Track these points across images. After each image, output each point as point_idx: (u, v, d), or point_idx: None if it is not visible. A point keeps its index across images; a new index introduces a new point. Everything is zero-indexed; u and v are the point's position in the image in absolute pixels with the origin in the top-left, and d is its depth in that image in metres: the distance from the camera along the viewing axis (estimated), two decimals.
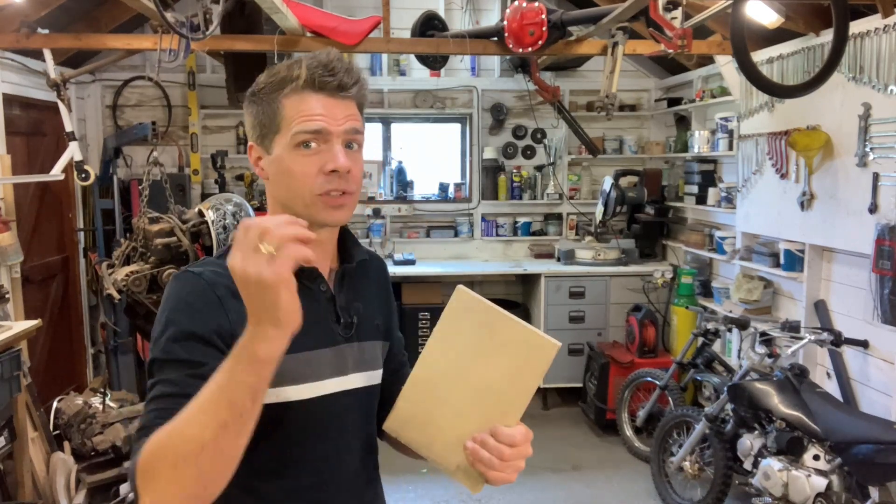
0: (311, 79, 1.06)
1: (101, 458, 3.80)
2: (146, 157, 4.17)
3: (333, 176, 1.06)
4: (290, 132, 1.06)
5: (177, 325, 1.00)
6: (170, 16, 2.85)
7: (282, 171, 1.08)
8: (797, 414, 3.04)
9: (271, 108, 1.08)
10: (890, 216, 3.03)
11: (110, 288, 3.49)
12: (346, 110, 1.09)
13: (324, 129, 1.06)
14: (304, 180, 1.06)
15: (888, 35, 3.07)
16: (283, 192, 1.10)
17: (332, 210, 1.08)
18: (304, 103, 1.06)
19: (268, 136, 1.09)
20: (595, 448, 4.54)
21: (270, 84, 1.09)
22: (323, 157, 1.06)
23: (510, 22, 3.88)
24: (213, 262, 1.11)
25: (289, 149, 1.06)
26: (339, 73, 1.07)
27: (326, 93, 1.07)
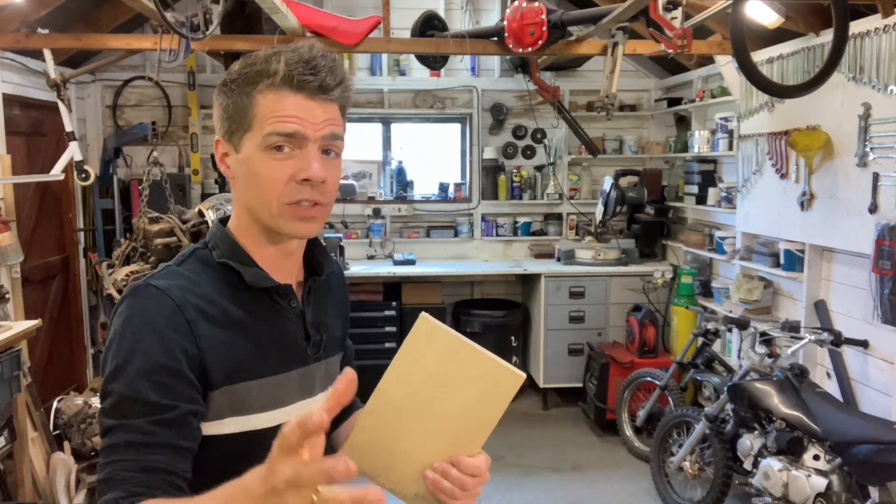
0: (290, 76, 0.96)
1: None
2: (146, 157, 4.17)
3: (306, 185, 0.97)
4: (263, 132, 0.96)
5: (143, 354, 0.90)
6: (170, 16, 2.85)
7: (250, 174, 0.99)
8: (797, 414, 3.04)
9: (243, 103, 0.98)
10: (890, 216, 3.03)
11: (110, 288, 3.49)
12: (325, 113, 0.99)
13: (299, 133, 0.96)
14: (273, 187, 0.97)
15: (888, 35, 3.07)
16: (249, 196, 1.01)
17: (300, 222, 1.00)
18: (279, 102, 0.96)
19: (237, 132, 1.00)
20: (595, 448, 4.54)
21: (245, 76, 0.99)
22: (296, 164, 0.97)
23: (510, 22, 3.88)
24: (179, 272, 1.00)
25: (259, 150, 0.97)
26: (321, 73, 0.97)
27: (306, 93, 0.97)
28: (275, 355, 1.02)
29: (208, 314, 0.97)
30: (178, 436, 0.90)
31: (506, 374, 0.92)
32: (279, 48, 1.00)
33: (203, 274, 1.01)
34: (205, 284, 1.00)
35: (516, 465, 4.25)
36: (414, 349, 0.92)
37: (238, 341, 0.98)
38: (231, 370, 0.97)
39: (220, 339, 0.96)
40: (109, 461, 0.87)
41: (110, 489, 0.85)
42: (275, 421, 0.99)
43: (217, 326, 0.97)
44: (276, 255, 1.06)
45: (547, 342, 5.07)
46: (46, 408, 3.77)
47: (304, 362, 1.06)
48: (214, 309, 0.98)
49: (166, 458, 0.88)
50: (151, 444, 0.87)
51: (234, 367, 0.97)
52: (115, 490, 0.84)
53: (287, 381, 1.03)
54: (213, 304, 0.98)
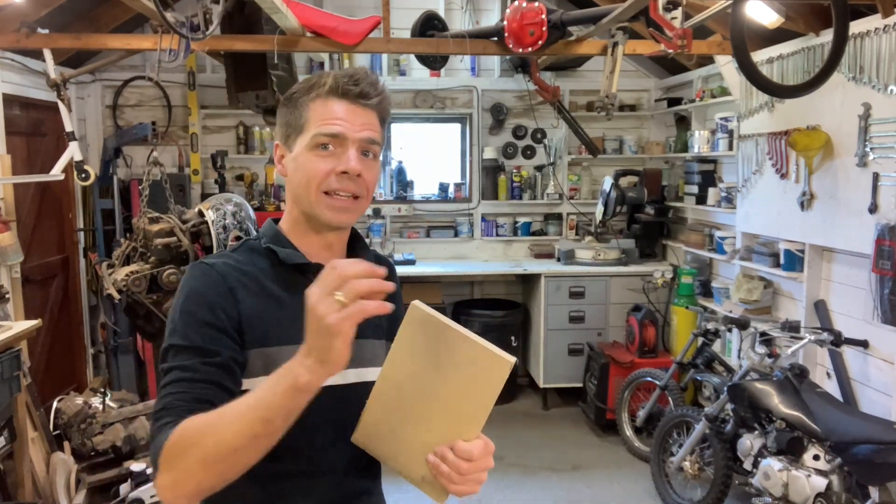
0: (336, 85, 1.14)
1: (101, 458, 3.80)
2: (146, 157, 4.17)
3: (344, 177, 1.13)
4: (311, 133, 1.14)
5: (192, 314, 1.08)
6: (170, 16, 2.85)
7: (298, 168, 1.16)
8: (797, 414, 3.04)
9: (298, 111, 1.16)
10: (890, 216, 3.03)
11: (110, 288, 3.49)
12: (365, 119, 1.15)
13: (341, 134, 1.13)
14: (315, 177, 1.13)
15: (888, 35, 3.07)
16: (296, 187, 1.17)
17: (335, 211, 1.15)
18: (326, 108, 1.14)
19: (292, 135, 1.18)
20: (595, 448, 4.54)
21: (301, 89, 1.18)
22: (336, 159, 1.14)
23: (510, 22, 3.88)
24: (228, 254, 1.19)
25: (307, 148, 1.14)
26: (362, 83, 1.15)
27: (349, 100, 1.15)
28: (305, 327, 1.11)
29: (247, 286, 1.14)
30: (223, 376, 1.05)
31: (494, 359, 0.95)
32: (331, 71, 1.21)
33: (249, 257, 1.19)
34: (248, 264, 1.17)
35: (516, 465, 4.25)
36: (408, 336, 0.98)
37: (273, 310, 1.13)
38: (265, 334, 1.11)
39: (257, 306, 1.12)
40: (165, 395, 1.02)
41: (163, 416, 0.99)
42: None
43: (255, 296, 1.13)
44: (316, 245, 1.21)
45: (547, 342, 5.07)
46: (46, 408, 3.77)
47: None
48: (253, 282, 1.15)
49: (213, 392, 1.02)
50: (200, 380, 1.02)
51: (267, 332, 1.11)
52: (167, 416, 0.98)
53: None
54: (253, 278, 1.15)
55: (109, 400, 3.99)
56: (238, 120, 5.35)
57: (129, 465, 3.73)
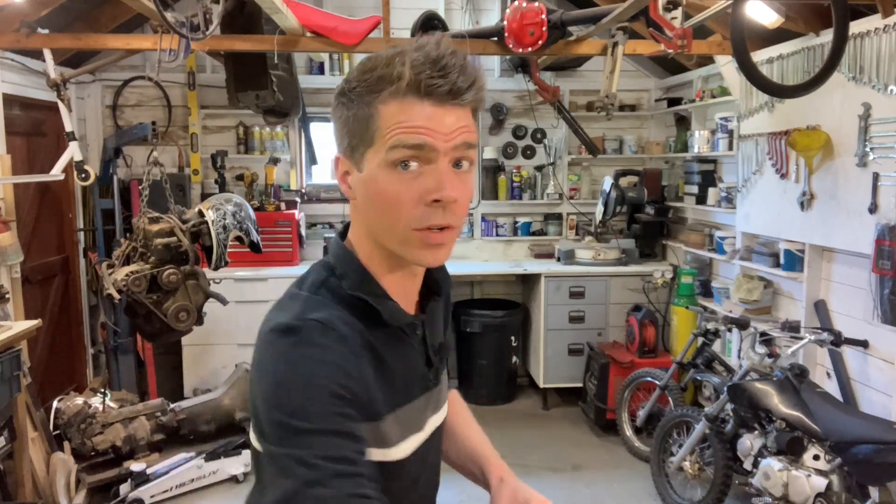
0: (417, 81, 0.86)
1: (101, 458, 3.81)
2: (146, 157, 4.17)
3: (437, 207, 0.88)
4: (386, 146, 0.87)
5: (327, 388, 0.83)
6: (170, 16, 2.85)
7: (372, 195, 0.90)
8: (797, 414, 3.04)
9: (364, 114, 0.88)
10: (890, 216, 3.03)
11: (110, 288, 3.49)
12: (458, 120, 0.88)
13: (427, 145, 0.87)
14: (400, 210, 0.88)
15: (888, 35, 3.07)
16: (372, 220, 0.93)
17: (428, 250, 0.91)
18: (404, 112, 0.86)
19: (359, 148, 0.90)
20: (595, 448, 4.54)
21: (365, 83, 0.89)
22: (425, 182, 0.87)
23: (510, 22, 3.88)
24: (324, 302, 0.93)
25: (383, 167, 0.88)
26: (451, 74, 0.86)
27: (434, 99, 0.86)
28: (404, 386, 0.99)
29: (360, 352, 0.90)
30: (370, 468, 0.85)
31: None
32: (402, 48, 0.89)
33: (340, 306, 0.93)
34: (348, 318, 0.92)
35: (516, 465, 4.21)
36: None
37: (379, 376, 0.93)
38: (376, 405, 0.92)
39: (369, 375, 0.91)
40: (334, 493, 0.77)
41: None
42: (407, 451, 0.98)
43: (366, 362, 0.91)
44: (401, 280, 0.99)
45: (547, 342, 5.07)
46: (46, 408, 3.78)
47: (427, 388, 1.03)
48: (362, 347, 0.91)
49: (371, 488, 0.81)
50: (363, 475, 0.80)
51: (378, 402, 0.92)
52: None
53: (414, 409, 1.00)
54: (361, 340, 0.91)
55: (109, 400, 4.00)
56: (238, 120, 5.34)
57: (129, 465, 3.74)
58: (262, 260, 4.69)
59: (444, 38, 0.88)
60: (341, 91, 0.92)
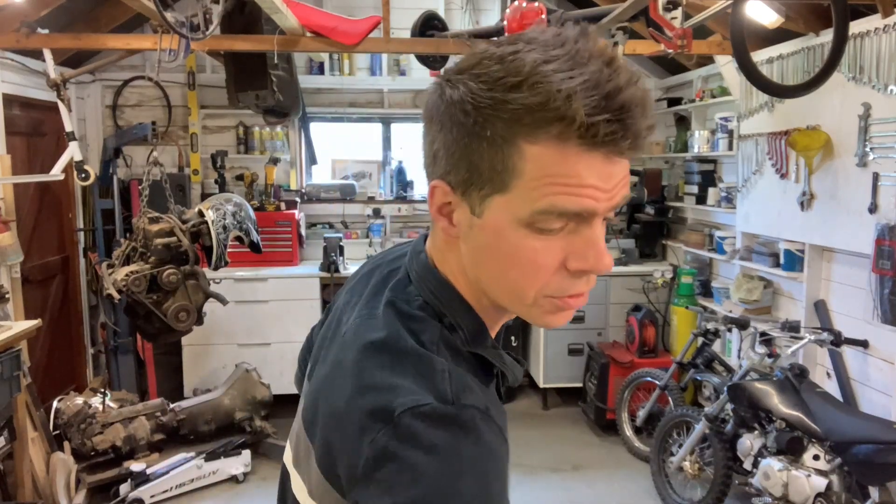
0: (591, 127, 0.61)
1: (101, 458, 3.80)
2: (146, 157, 4.17)
3: (580, 275, 0.70)
4: (532, 204, 0.65)
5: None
6: (170, 16, 2.85)
7: (496, 251, 0.69)
8: (797, 414, 3.04)
9: (500, 150, 0.65)
10: (890, 216, 3.03)
11: (110, 288, 3.49)
12: (623, 172, 0.68)
13: (589, 211, 0.67)
14: (537, 277, 0.69)
15: (888, 35, 3.07)
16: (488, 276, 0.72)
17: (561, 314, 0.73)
18: (566, 163, 0.64)
19: (483, 188, 0.67)
20: (595, 448, 4.54)
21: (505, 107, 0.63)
22: (570, 245, 0.68)
23: (510, 22, 3.88)
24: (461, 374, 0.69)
25: (519, 225, 0.67)
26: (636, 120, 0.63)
27: (606, 152, 0.64)
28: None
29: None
30: None
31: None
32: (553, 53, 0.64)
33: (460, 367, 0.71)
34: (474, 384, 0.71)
35: (516, 465, 4.24)
36: None
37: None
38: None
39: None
40: None
41: None
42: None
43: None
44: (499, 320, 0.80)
45: (547, 342, 5.07)
46: (46, 408, 3.78)
47: None
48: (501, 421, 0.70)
49: None
50: None
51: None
52: None
53: None
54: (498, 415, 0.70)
55: (109, 400, 4.00)
56: (238, 120, 5.34)
57: (129, 465, 3.74)
58: (262, 260, 4.69)
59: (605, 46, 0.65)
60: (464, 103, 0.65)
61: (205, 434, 4.16)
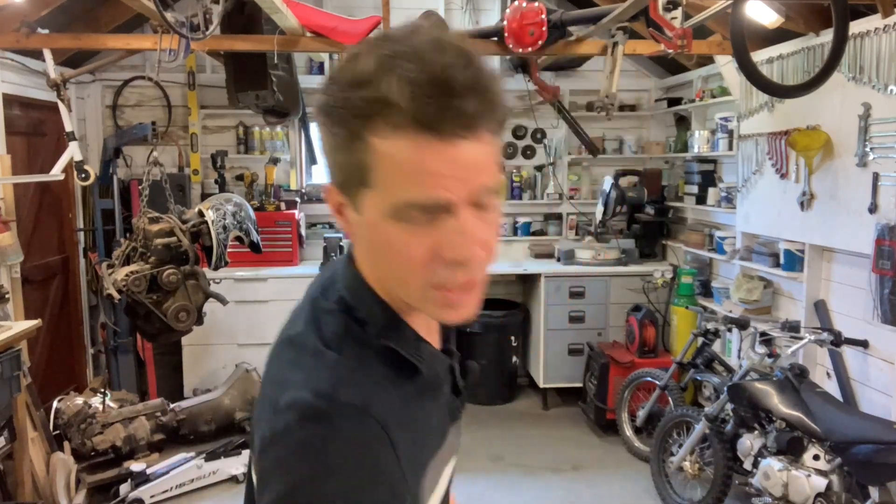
0: (418, 112, 0.63)
1: (101, 458, 3.81)
2: (146, 157, 4.17)
3: (456, 266, 0.70)
4: (390, 199, 0.67)
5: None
6: (170, 16, 2.85)
7: (377, 244, 0.72)
8: (797, 414, 3.04)
9: (354, 147, 0.67)
10: (890, 216, 3.03)
11: (110, 288, 3.49)
12: (475, 156, 0.67)
13: (444, 202, 0.67)
14: (411, 268, 0.70)
15: (888, 35, 3.07)
16: (380, 270, 0.75)
17: (449, 310, 0.73)
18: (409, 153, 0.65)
19: (352, 185, 0.70)
20: (595, 448, 4.54)
21: (348, 101, 0.67)
22: (439, 235, 0.68)
23: (510, 22, 3.88)
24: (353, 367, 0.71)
25: (390, 217, 0.68)
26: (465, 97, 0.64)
27: (446, 137, 0.64)
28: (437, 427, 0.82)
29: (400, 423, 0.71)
30: None
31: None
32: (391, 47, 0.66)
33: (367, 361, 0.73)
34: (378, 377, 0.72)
35: (516, 465, 4.24)
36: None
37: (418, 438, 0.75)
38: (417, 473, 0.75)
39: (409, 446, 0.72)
40: None
41: None
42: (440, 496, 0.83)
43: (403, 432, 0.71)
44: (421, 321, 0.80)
45: (547, 342, 5.07)
46: (46, 408, 3.78)
47: (455, 418, 0.87)
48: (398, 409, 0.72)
49: None
50: None
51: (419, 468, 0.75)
52: None
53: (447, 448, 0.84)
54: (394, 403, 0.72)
55: (109, 400, 4.00)
56: (238, 120, 5.34)
57: (129, 465, 3.74)
58: (262, 260, 4.69)
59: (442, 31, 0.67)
60: (320, 107, 0.70)
61: (205, 434, 4.16)
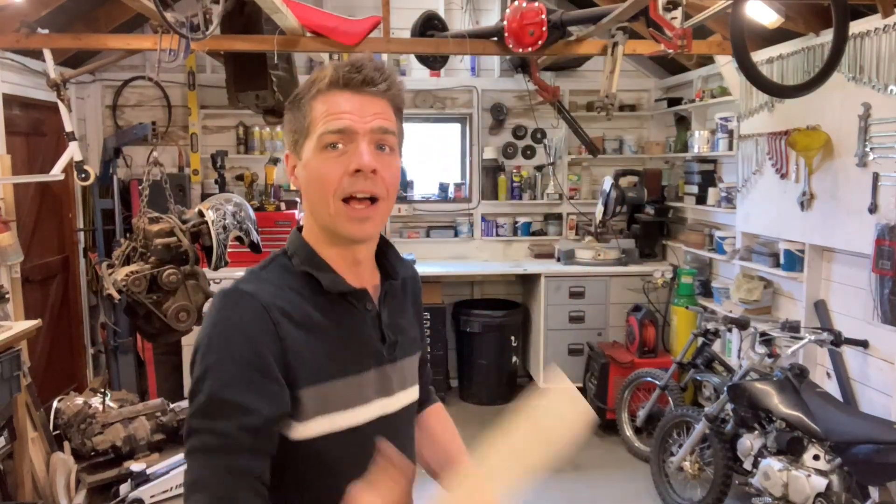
0: (336, 77, 1.03)
1: (101, 458, 3.80)
2: (146, 157, 4.16)
3: (359, 177, 1.01)
4: (317, 133, 1.03)
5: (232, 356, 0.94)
6: (170, 16, 2.85)
7: (310, 177, 1.04)
8: (797, 414, 3.04)
9: (302, 113, 1.06)
10: (890, 216, 3.03)
11: (110, 288, 3.49)
12: (374, 107, 1.04)
13: (348, 128, 1.01)
14: (330, 184, 1.01)
15: (888, 35, 3.07)
16: (312, 199, 1.05)
17: (355, 222, 1.03)
18: (329, 102, 1.03)
19: (299, 141, 1.06)
20: (595, 448, 4.54)
21: (303, 89, 1.07)
22: (348, 158, 1.02)
23: (510, 22, 3.88)
24: (264, 277, 1.05)
25: (316, 152, 1.03)
26: (365, 69, 1.03)
27: (352, 89, 1.03)
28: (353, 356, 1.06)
29: (292, 317, 1.00)
30: (260, 441, 0.93)
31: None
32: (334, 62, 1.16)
33: (285, 279, 1.05)
34: (287, 289, 1.03)
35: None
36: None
37: (319, 343, 1.02)
38: (314, 370, 1.00)
39: (303, 340, 1.00)
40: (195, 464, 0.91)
41: (196, 490, 0.89)
42: (357, 419, 1.05)
43: (300, 329, 1.00)
44: (344, 262, 1.09)
45: (547, 342, 5.07)
46: (46, 408, 3.77)
47: (381, 362, 1.10)
48: (297, 312, 1.01)
49: (249, 461, 0.92)
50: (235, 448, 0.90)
51: (316, 367, 1.00)
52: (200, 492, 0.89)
53: (365, 380, 1.07)
54: (296, 307, 1.01)
55: (109, 400, 3.99)
56: (238, 120, 5.35)
57: (129, 465, 3.73)
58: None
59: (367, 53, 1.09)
60: (291, 101, 1.09)
61: None
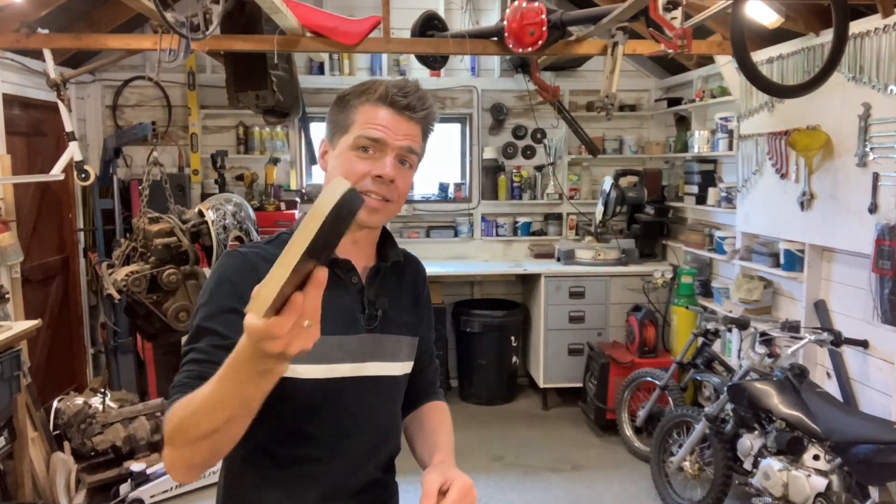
0: (386, 94, 1.19)
1: (101, 458, 3.80)
2: (146, 157, 4.17)
3: (378, 181, 1.18)
4: (355, 134, 1.19)
5: (218, 299, 1.14)
6: (170, 16, 2.85)
7: (337, 166, 1.21)
8: (797, 414, 3.04)
9: (347, 112, 1.22)
10: (890, 216, 3.03)
11: (110, 288, 3.49)
12: (408, 129, 1.21)
13: (382, 139, 1.18)
14: (352, 176, 1.17)
15: (888, 35, 3.07)
16: None
17: (367, 210, 1.19)
18: (373, 113, 1.19)
19: (337, 134, 1.23)
20: (595, 448, 4.54)
21: (355, 92, 1.23)
22: (374, 163, 1.18)
23: (510, 22, 3.88)
24: (262, 245, 1.24)
25: (349, 148, 1.20)
26: (410, 96, 1.20)
27: (395, 109, 1.19)
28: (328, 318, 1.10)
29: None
30: None
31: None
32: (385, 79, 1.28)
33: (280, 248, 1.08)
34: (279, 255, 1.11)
35: (516, 465, 4.25)
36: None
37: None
38: None
39: None
40: (181, 371, 1.11)
41: (174, 393, 1.07)
42: (318, 374, 1.18)
43: None
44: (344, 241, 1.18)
45: (547, 342, 5.07)
46: (46, 408, 3.78)
47: (356, 331, 1.23)
48: None
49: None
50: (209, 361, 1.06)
51: None
52: (177, 392, 1.06)
53: (337, 342, 1.20)
54: None
55: (109, 400, 4.00)
56: (238, 120, 5.35)
57: (129, 465, 3.74)
58: None
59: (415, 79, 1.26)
60: (339, 98, 1.26)
61: None
